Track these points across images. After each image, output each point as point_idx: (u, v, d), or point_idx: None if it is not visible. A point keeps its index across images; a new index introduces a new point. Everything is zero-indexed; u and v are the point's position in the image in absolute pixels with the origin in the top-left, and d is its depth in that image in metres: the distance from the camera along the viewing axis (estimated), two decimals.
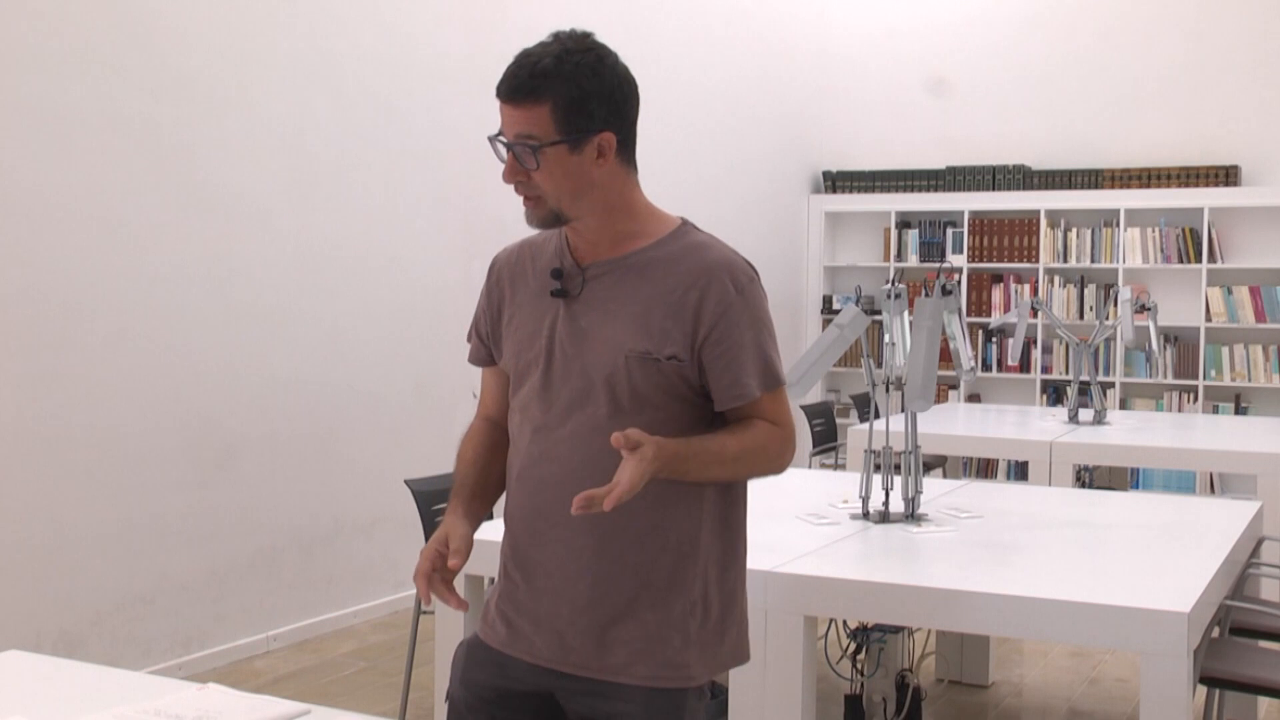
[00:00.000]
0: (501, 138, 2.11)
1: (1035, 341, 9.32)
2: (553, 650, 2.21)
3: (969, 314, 9.43)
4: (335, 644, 5.76)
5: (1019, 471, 8.81)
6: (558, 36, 2.12)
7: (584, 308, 2.18)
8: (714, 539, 2.23)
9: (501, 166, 2.13)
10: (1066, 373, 9.03)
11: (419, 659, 4.49)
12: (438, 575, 2.19)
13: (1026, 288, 9.39)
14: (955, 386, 9.39)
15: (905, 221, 9.85)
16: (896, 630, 4.26)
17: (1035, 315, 9.13)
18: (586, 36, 2.13)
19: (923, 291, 3.93)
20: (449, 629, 3.64)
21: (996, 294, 9.54)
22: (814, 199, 10.06)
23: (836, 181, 10.06)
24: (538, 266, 2.25)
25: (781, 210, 9.79)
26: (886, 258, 9.89)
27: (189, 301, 5.28)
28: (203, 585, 5.33)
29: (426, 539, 4.30)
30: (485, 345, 2.35)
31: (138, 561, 5.11)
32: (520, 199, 2.16)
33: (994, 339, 9.51)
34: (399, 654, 5.32)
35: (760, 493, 4.70)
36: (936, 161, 9.71)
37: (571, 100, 2.06)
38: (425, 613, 4.30)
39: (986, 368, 9.53)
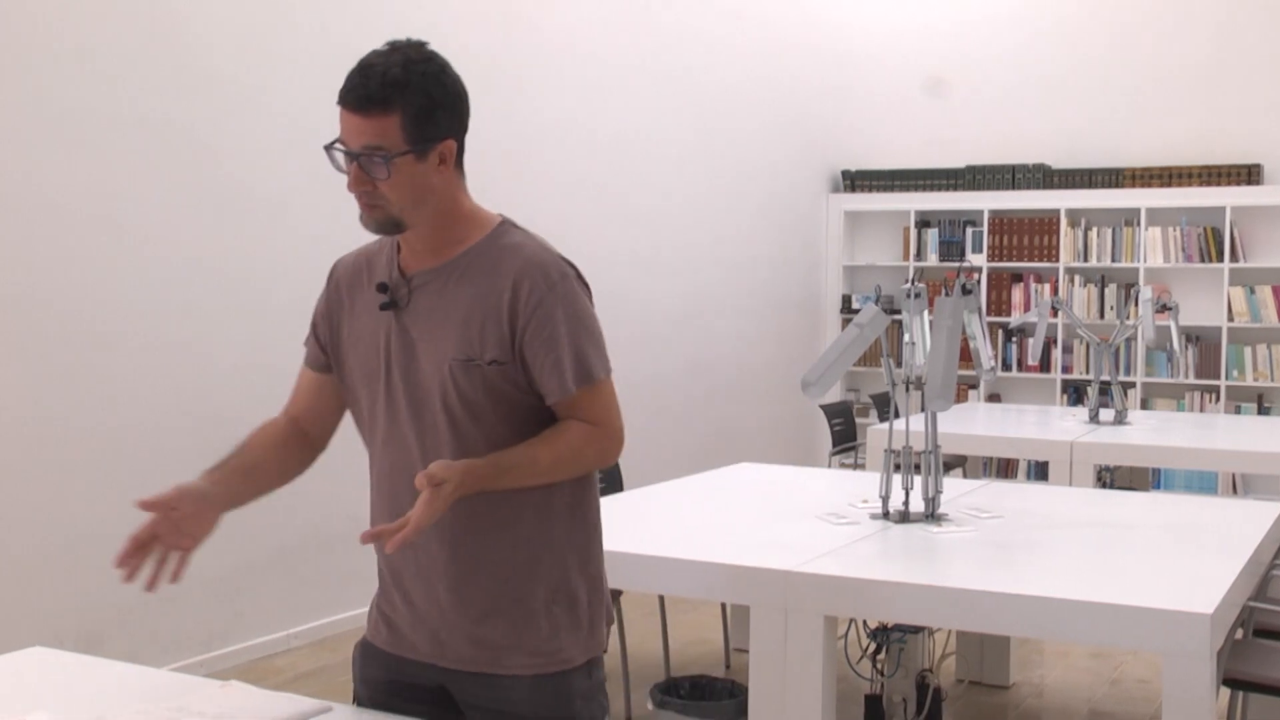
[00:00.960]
0: (341, 146, 2.09)
1: (1055, 341, 9.29)
2: (431, 647, 2.25)
3: (989, 313, 9.40)
4: (354, 642, 5.77)
5: (1039, 472, 8.78)
6: (395, 46, 2.11)
7: (413, 319, 2.19)
8: (569, 526, 2.24)
9: (339, 174, 2.12)
10: (1087, 372, 9.00)
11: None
12: (158, 544, 2.09)
13: (1047, 287, 9.36)
14: (975, 386, 9.37)
15: (925, 221, 9.83)
16: (916, 630, 4.25)
17: (1055, 315, 9.09)
18: (424, 45, 2.13)
19: (943, 291, 3.92)
20: None
21: (1016, 293, 9.52)
22: (833, 198, 10.04)
23: (856, 181, 10.04)
24: (372, 277, 2.26)
25: (800, 210, 9.78)
26: (906, 257, 9.87)
27: (209, 300, 5.30)
28: (223, 583, 5.34)
29: None
30: (324, 352, 2.34)
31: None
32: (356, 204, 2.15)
33: (1014, 338, 9.48)
34: None
35: (780, 492, 4.71)
36: (956, 160, 9.68)
37: (420, 110, 2.06)
38: None
39: (1006, 367, 9.51)
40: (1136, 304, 6.99)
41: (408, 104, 2.05)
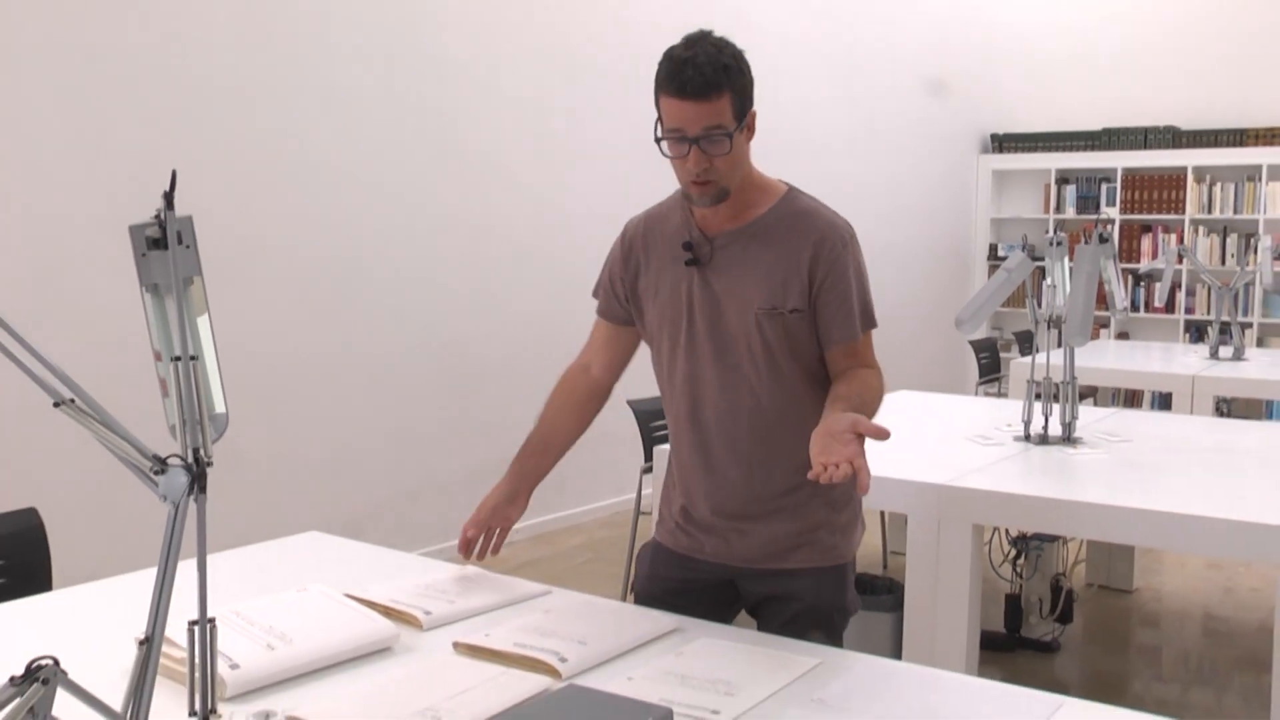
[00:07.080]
0: (675, 134, 2.02)
1: (1180, 285, 8.91)
2: (722, 549, 2.23)
3: (1121, 260, 9.06)
4: (567, 538, 5.89)
5: (1163, 402, 8.46)
6: (693, 40, 2.04)
7: (715, 273, 2.16)
8: None
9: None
10: (1208, 313, 8.62)
11: (638, 551, 4.56)
12: (481, 537, 2.32)
13: (1173, 237, 8.97)
14: (1106, 325, 9.05)
15: (1064, 178, 9.49)
16: (1052, 539, 4.16)
17: (1181, 261, 8.73)
18: (712, 33, 2.08)
19: (1082, 239, 3.79)
20: None
21: (1146, 242, 9.14)
22: (982, 158, 9.77)
23: (1003, 142, 9.75)
24: (665, 237, 2.23)
25: (953, 168, 9.54)
26: (1046, 210, 9.56)
27: (451, 249, 5.42)
28: (458, 485, 5.49)
29: (646, 453, 4.36)
30: (623, 305, 2.31)
31: (406, 464, 5.30)
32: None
33: (1143, 283, 9.12)
34: (620, 547, 5.42)
35: (934, 417, 4.64)
36: (1093, 124, 9.32)
37: (741, 88, 2.04)
38: (644, 514, 4.36)
39: (1135, 309, 9.17)
40: (1256, 252, 6.64)
41: (734, 85, 2.02)
